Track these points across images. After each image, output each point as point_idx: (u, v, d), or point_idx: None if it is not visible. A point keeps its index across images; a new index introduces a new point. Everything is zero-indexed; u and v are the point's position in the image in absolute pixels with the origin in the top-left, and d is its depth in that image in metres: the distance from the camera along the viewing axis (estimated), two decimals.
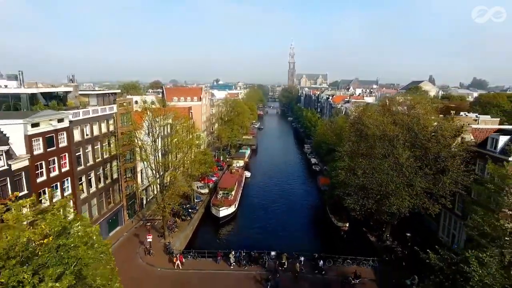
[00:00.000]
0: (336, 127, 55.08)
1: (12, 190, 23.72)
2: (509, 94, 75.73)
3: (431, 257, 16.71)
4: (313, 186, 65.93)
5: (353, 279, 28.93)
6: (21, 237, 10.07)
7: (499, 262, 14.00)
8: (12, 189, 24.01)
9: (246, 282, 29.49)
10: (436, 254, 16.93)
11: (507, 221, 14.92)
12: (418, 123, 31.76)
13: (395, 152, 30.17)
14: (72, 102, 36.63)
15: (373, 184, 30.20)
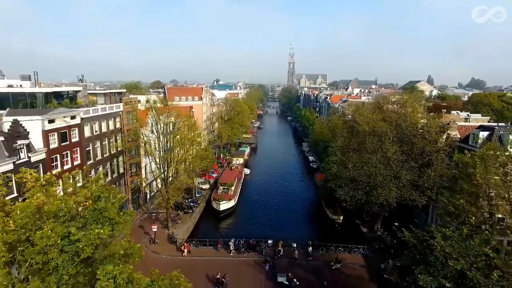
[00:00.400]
0: (331, 125, 57.51)
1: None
2: (500, 94, 78.20)
3: (406, 235, 19.14)
4: (310, 182, 68.36)
5: (334, 264, 31.48)
6: (68, 201, 12.65)
7: (459, 235, 16.40)
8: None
9: (245, 267, 31.96)
10: (411, 233, 19.37)
11: (467, 202, 17.32)
12: (405, 120, 34.19)
13: (383, 147, 32.63)
14: (81, 100, 39.12)
15: (362, 177, 32.68)
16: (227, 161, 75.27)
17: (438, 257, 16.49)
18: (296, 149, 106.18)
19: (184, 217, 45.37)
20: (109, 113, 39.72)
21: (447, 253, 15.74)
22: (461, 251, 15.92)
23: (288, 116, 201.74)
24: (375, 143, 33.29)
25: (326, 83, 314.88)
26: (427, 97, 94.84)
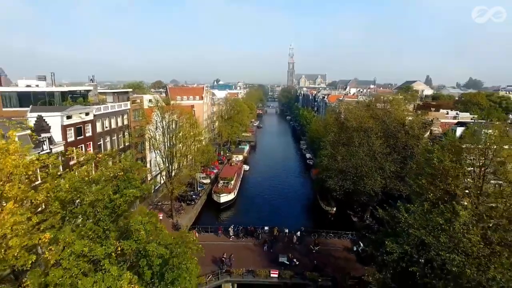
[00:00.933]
0: (326, 123, 60.88)
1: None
2: (488, 94, 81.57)
3: (380, 213, 22.41)
4: (307, 178, 71.63)
5: (313, 247, 34.87)
6: (105, 172, 16.10)
7: (421, 210, 19.65)
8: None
9: (245, 250, 35.29)
10: (385, 211, 22.65)
11: (428, 182, 20.60)
12: (390, 117, 37.49)
13: (369, 141, 35.92)
14: (92, 99, 42.52)
15: (350, 168, 35.99)
16: (227, 158, 78.53)
17: (403, 228, 19.80)
18: (294, 147, 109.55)
19: (186, 208, 48.71)
20: (117, 111, 43.05)
21: (410, 224, 19.03)
22: (421, 222, 19.23)
23: (287, 115, 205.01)
24: (361, 138, 36.58)
25: (326, 83, 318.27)
26: (420, 97, 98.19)
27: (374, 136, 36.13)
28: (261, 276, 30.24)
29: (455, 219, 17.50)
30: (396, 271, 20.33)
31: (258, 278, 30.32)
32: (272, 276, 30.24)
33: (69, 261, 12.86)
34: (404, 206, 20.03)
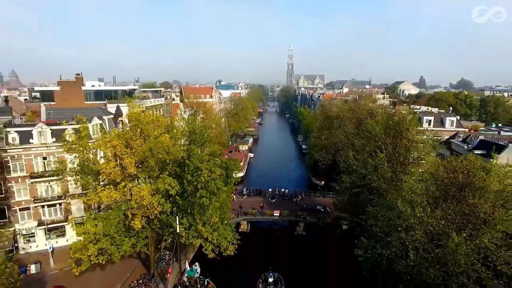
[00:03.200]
0: (315, 114, 75.60)
1: None
2: (456, 93, 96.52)
3: (341, 163, 36.65)
4: (302, 163, 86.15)
5: (298, 201, 49.60)
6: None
7: (363, 158, 33.91)
8: None
9: (255, 203, 49.60)
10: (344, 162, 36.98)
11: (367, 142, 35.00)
12: (360, 108, 51.97)
13: (344, 125, 50.36)
14: (138, 95, 56.96)
15: (330, 144, 50.39)
16: (234, 148, 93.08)
17: (353, 168, 34.21)
18: (292, 140, 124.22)
19: None
20: (156, 104, 57.50)
21: (356, 165, 33.42)
22: (361, 164, 33.64)
23: (286, 114, 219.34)
24: (339, 123, 51.01)
25: (323, 84, 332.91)
26: (404, 95, 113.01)
27: (348, 121, 50.56)
28: (267, 215, 44.70)
29: (377, 158, 31.98)
30: (350, 195, 34.85)
31: (265, 216, 44.76)
32: (275, 215, 44.72)
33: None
34: (354, 155, 34.48)
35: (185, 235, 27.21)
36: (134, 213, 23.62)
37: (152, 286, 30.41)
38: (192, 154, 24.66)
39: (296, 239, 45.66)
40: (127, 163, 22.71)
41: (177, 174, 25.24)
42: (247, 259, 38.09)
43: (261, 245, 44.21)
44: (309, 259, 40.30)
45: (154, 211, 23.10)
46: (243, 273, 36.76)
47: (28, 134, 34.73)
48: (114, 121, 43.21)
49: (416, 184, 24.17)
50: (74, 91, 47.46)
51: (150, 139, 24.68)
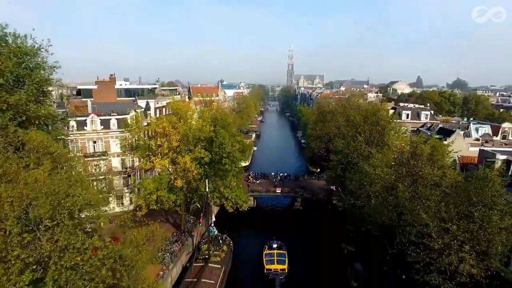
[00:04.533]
0: (312, 110, 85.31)
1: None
2: (441, 92, 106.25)
3: (333, 158, 46.15)
4: (301, 156, 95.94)
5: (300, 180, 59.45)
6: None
7: (347, 141, 43.39)
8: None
9: (260, 185, 59.18)
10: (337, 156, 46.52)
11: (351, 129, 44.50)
12: (350, 104, 61.51)
13: (334, 118, 59.86)
14: (158, 92, 66.72)
15: (324, 134, 59.93)
16: None
17: (340, 150, 43.78)
18: (291, 136, 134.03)
19: None
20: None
21: (342, 147, 42.97)
22: (345, 146, 43.20)
23: (286, 113, 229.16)
24: (331, 117, 60.55)
25: (323, 84, 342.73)
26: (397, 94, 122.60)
27: (339, 116, 60.12)
28: (270, 192, 54.41)
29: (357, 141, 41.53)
30: (337, 173, 44.45)
31: (269, 193, 54.47)
32: (277, 192, 54.41)
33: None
34: (340, 141, 44.07)
35: (210, 196, 36.73)
36: (176, 177, 33.17)
37: (183, 239, 40.04)
38: (218, 133, 34.08)
39: (295, 213, 55.37)
40: (173, 139, 32.21)
41: (206, 149, 34.67)
42: (254, 228, 47.93)
43: (265, 218, 54.04)
44: (306, 228, 49.86)
45: (192, 173, 32.58)
46: (252, 238, 46.53)
47: (83, 123, 44.38)
48: (144, 113, 52.84)
49: (379, 155, 33.71)
50: (108, 89, 57.07)
51: (187, 121, 34.26)
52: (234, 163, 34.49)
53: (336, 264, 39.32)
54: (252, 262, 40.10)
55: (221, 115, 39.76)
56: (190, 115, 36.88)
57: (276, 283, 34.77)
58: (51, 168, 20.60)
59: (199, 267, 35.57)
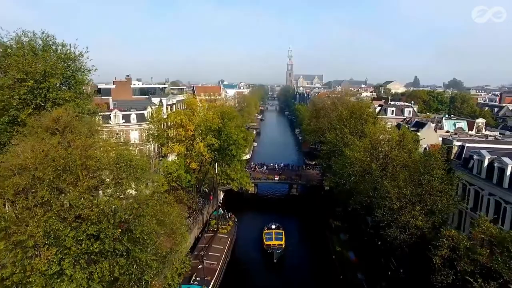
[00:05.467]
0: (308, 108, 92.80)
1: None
2: (429, 91, 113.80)
3: (323, 147, 53.40)
4: (299, 151, 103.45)
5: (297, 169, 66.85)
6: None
7: (336, 133, 50.64)
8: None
9: (264, 174, 66.57)
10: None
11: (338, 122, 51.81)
12: (341, 101, 68.87)
13: (328, 115, 67.20)
14: (169, 91, 74.10)
15: (318, 128, 67.29)
16: None
17: (329, 141, 51.14)
18: (290, 133, 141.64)
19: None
20: (182, 99, 74.49)
21: (331, 138, 50.31)
22: (334, 137, 50.57)
23: (285, 112, 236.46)
24: (324, 113, 67.90)
25: (322, 83, 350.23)
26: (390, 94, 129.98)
27: (331, 112, 67.50)
28: (270, 179, 61.81)
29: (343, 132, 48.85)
30: (326, 159, 51.82)
31: (268, 180, 61.87)
32: (276, 179, 61.83)
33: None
34: (331, 133, 51.43)
35: (219, 178, 44.06)
36: (191, 160, 40.53)
37: (195, 215, 47.41)
38: (225, 125, 41.42)
39: (291, 198, 62.80)
40: (189, 128, 39.52)
41: (216, 137, 41.96)
42: (256, 211, 55.34)
43: (265, 203, 61.55)
44: (301, 211, 57.24)
45: (204, 157, 39.90)
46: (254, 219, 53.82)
47: (107, 117, 51.69)
48: None
49: (358, 142, 41.05)
50: (125, 88, 64.36)
51: (200, 114, 41.67)
52: (239, 149, 41.87)
53: (324, 236, 46.74)
54: (254, 239, 47.25)
55: (228, 109, 47.10)
56: (202, 109, 44.25)
57: (274, 256, 41.56)
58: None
59: (210, 237, 42.88)
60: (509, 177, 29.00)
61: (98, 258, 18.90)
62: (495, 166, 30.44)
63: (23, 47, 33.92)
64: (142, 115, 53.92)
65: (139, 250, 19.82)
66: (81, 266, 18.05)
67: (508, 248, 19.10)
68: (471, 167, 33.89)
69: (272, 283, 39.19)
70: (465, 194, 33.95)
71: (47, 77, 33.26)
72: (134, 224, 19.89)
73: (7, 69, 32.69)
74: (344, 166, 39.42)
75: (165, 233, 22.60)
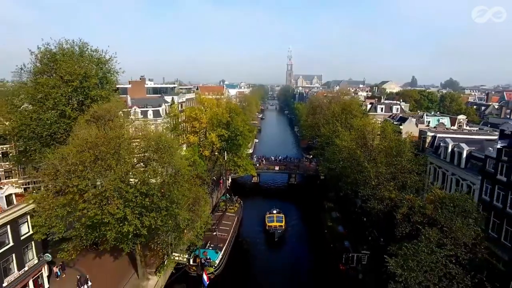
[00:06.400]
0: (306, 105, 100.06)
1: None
2: (420, 90, 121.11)
3: (319, 140, 60.45)
4: (297, 147, 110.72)
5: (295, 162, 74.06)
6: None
7: (330, 127, 57.65)
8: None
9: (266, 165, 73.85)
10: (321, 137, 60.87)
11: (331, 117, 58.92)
12: (335, 99, 76.12)
13: (323, 111, 74.40)
14: (178, 90, 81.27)
15: (314, 124, 74.46)
16: None
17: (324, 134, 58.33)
18: (289, 131, 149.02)
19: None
20: (190, 98, 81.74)
21: (324, 132, 57.47)
22: (328, 130, 57.76)
23: (285, 111, 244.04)
24: (320, 110, 75.10)
25: (321, 83, 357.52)
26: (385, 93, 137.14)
27: (325, 109, 74.73)
28: (271, 169, 69.06)
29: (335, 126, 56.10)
30: (320, 149, 59.03)
31: (269, 170, 69.12)
32: (276, 169, 69.09)
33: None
34: (325, 127, 58.58)
35: (227, 164, 51.26)
36: (204, 149, 47.73)
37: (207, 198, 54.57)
38: (233, 118, 48.65)
39: (290, 186, 70.04)
40: (203, 121, 46.71)
41: (225, 129, 49.18)
42: (259, 197, 62.50)
43: (267, 190, 68.76)
44: (299, 197, 64.44)
45: (216, 146, 47.11)
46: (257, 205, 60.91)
47: (127, 113, 58.81)
48: (171, 106, 67.29)
49: (346, 132, 48.20)
50: (139, 87, 71.50)
51: (213, 109, 49.00)
52: (245, 139, 49.13)
53: (319, 216, 53.93)
54: (257, 221, 54.13)
55: (234, 106, 54.39)
56: (212, 106, 51.61)
57: (275, 235, 48.54)
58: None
59: (219, 215, 50.05)
60: (465, 159, 36.39)
61: (147, 210, 26.12)
62: (455, 150, 37.83)
63: (66, 53, 41.13)
64: (157, 111, 61.10)
65: (175, 207, 27.05)
66: (137, 215, 25.27)
67: (445, 204, 26.30)
68: (440, 153, 41.25)
69: (273, 255, 46.14)
70: (435, 175, 41.37)
71: (88, 78, 40.44)
72: (172, 188, 27.14)
73: (55, 72, 39.88)
74: (334, 153, 46.59)
75: (192, 197, 29.85)
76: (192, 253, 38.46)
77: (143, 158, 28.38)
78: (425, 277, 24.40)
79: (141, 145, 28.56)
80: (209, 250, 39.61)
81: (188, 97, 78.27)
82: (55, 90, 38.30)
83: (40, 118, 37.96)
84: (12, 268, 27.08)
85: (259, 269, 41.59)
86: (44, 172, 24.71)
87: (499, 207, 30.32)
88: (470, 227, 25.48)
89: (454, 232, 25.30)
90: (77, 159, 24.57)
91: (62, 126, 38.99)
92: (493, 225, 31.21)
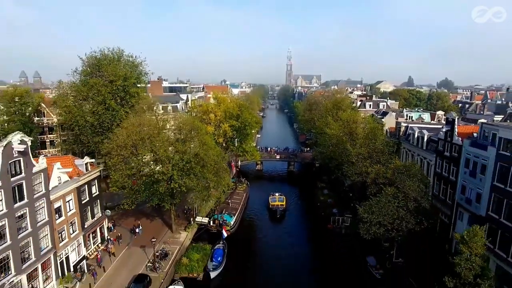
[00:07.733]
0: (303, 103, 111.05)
1: None
2: (409, 89, 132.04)
3: (314, 131, 71.00)
4: (297, 142, 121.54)
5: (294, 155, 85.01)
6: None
7: (324, 120, 68.31)
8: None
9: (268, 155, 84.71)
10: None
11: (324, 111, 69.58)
12: (330, 98, 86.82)
13: (319, 109, 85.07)
14: (189, 89, 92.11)
15: (310, 118, 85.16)
16: None
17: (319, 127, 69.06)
18: (289, 128, 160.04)
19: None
20: (201, 96, 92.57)
21: (318, 125, 68.16)
22: (322, 123, 68.55)
23: (285, 110, 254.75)
24: (316, 107, 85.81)
25: (320, 83, 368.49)
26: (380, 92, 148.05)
27: (321, 106, 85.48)
28: (273, 157, 79.92)
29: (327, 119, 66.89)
30: (314, 140, 69.79)
31: (271, 158, 79.98)
32: (277, 157, 79.94)
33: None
34: (320, 121, 69.32)
35: (236, 150, 62.26)
36: (218, 137, 58.61)
37: None
38: (242, 112, 59.53)
39: (289, 173, 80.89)
40: (218, 114, 57.51)
41: (235, 121, 59.94)
42: (262, 182, 73.32)
43: (269, 177, 79.58)
44: (297, 182, 75.18)
45: (228, 134, 57.97)
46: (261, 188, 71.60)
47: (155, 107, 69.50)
48: (185, 102, 78.10)
49: (335, 123, 58.87)
50: (157, 86, 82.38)
51: (225, 104, 60.04)
52: (252, 129, 59.98)
53: (312, 193, 64.70)
54: (262, 201, 64.36)
55: (242, 102, 65.40)
56: (225, 101, 62.70)
57: (277, 212, 58.86)
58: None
59: (230, 192, 60.75)
60: (426, 142, 47.18)
61: (187, 174, 36.91)
62: (419, 136, 48.66)
63: (109, 59, 51.80)
64: (176, 106, 72.02)
65: (206, 171, 37.87)
66: (180, 176, 36.07)
67: (400, 170, 37.08)
68: (410, 139, 52.05)
69: (276, 224, 56.65)
70: (407, 157, 52.14)
71: (127, 79, 51.14)
72: (204, 155, 38.01)
73: (102, 74, 50.51)
74: (325, 139, 57.37)
75: (216, 166, 40.87)
76: (212, 217, 49.32)
77: (180, 137, 39.29)
78: (384, 218, 35.10)
79: (179, 126, 39.49)
80: (225, 215, 50.40)
81: (200, 95, 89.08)
82: (103, 89, 49.05)
83: (93, 111, 48.88)
84: (88, 216, 37.84)
85: (264, 232, 52.18)
86: (115, 143, 35.47)
87: (445, 175, 41.12)
88: (416, 185, 36.23)
89: (405, 188, 36.03)
90: (138, 136, 35.47)
91: (108, 117, 49.77)
92: (442, 190, 42.06)
